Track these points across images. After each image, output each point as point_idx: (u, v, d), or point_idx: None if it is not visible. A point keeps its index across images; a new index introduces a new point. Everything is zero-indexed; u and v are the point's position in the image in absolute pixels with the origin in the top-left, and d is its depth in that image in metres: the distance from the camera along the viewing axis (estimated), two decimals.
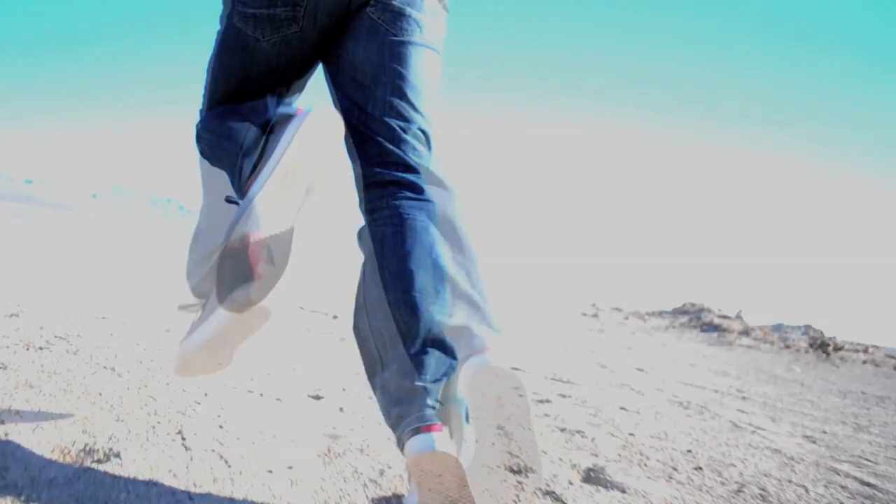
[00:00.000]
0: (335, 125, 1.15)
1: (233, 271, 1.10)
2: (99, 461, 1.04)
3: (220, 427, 1.38)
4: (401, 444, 0.97)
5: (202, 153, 1.28)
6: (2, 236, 5.60)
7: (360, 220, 1.18)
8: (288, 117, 1.25)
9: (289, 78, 1.25)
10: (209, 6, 1.38)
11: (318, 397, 1.69)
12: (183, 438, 1.22)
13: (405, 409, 0.98)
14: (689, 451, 1.79)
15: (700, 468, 1.61)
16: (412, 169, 1.11)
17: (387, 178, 1.11)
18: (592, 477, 1.41)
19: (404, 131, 1.14)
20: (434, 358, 0.96)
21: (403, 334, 1.00)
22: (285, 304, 4.06)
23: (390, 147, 1.12)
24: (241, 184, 1.17)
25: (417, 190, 1.09)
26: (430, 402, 0.95)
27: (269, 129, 1.27)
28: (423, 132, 1.16)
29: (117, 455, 1.07)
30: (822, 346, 12.83)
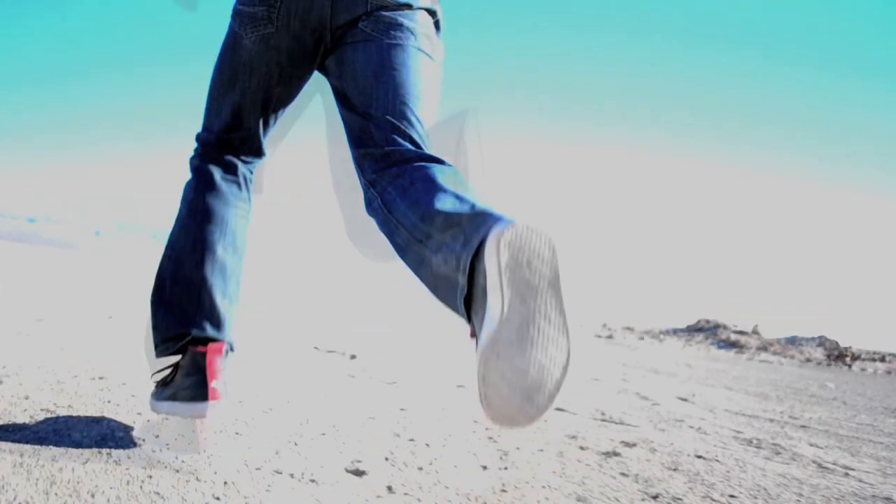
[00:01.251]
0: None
1: (189, 380, 1.26)
2: None
3: None
4: (471, 261, 0.90)
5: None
6: (1, 277, 5.32)
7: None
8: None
9: (274, 84, 1.27)
10: (208, 41, 1.46)
11: (358, 472, 1.40)
12: None
13: (469, 226, 0.93)
14: None
15: None
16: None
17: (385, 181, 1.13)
18: None
19: (402, 136, 1.14)
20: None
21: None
22: (298, 346, 3.77)
23: (389, 149, 1.13)
24: None
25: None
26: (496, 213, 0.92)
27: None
28: (419, 138, 1.16)
29: None
30: (840, 357, 12.57)
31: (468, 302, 0.93)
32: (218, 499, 1.12)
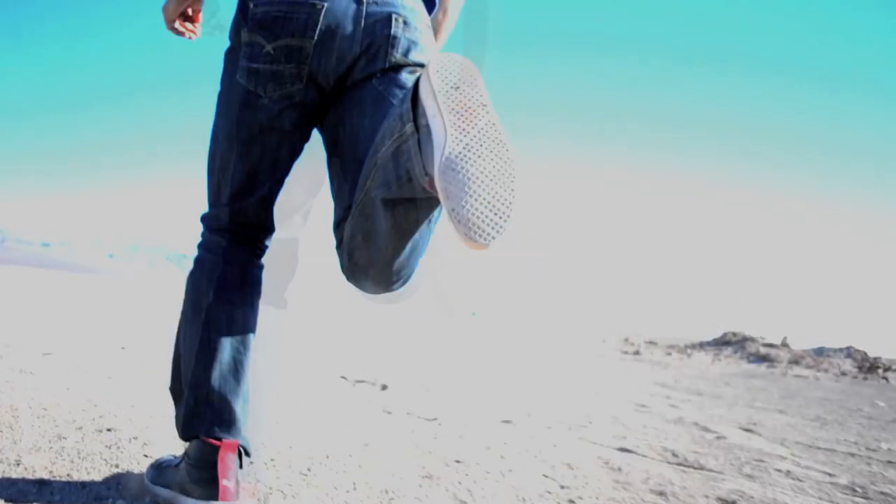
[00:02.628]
0: None
1: (197, 473, 1.14)
2: None
3: None
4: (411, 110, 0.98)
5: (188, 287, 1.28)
6: (11, 305, 5.08)
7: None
8: None
9: (295, 140, 1.22)
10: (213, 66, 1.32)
11: None
12: None
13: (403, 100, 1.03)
14: None
15: None
16: None
17: None
18: None
19: None
20: None
21: None
22: (323, 373, 3.49)
23: None
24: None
25: None
26: None
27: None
28: None
29: None
30: (871, 368, 12.11)
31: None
32: None
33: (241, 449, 1.20)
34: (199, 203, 1.35)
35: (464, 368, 5.07)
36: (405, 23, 1.16)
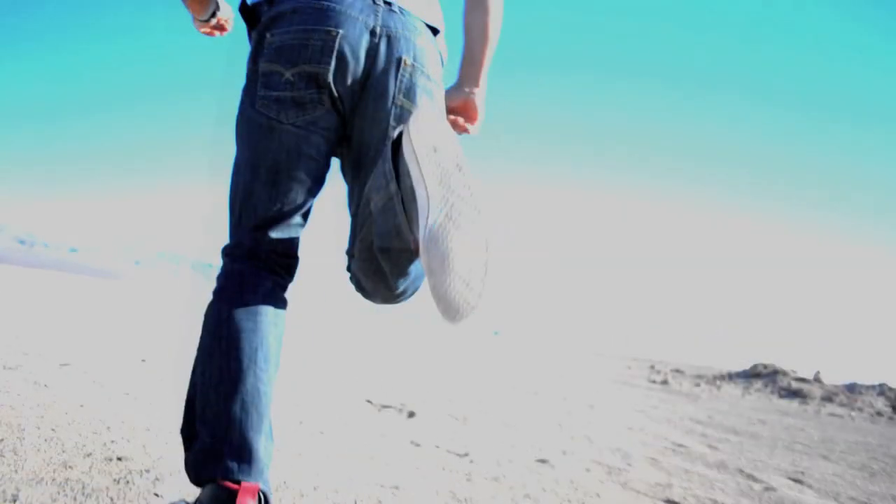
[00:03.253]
0: None
1: None
2: None
3: None
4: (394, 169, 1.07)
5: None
6: (34, 311, 5.03)
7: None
8: None
9: (321, 163, 1.21)
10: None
11: None
12: None
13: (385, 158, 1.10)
14: None
15: None
16: None
17: None
18: None
19: None
20: None
21: None
22: (348, 398, 3.34)
23: None
24: None
25: None
26: None
27: None
28: None
29: None
30: None
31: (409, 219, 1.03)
32: None
33: (262, 494, 1.06)
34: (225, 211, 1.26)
35: (490, 394, 4.89)
36: (414, 57, 1.20)
